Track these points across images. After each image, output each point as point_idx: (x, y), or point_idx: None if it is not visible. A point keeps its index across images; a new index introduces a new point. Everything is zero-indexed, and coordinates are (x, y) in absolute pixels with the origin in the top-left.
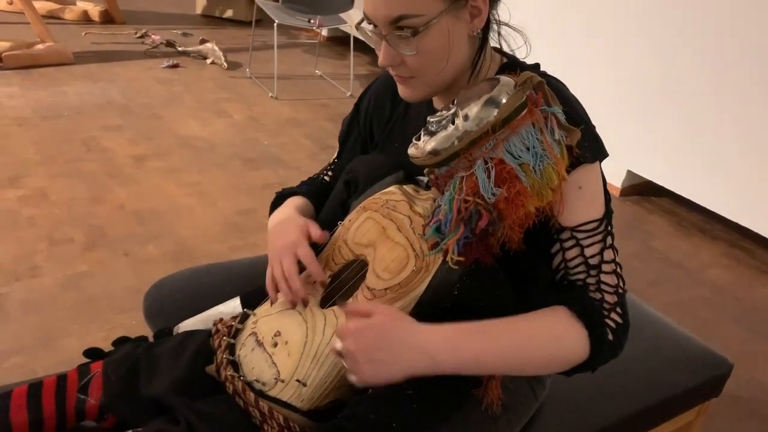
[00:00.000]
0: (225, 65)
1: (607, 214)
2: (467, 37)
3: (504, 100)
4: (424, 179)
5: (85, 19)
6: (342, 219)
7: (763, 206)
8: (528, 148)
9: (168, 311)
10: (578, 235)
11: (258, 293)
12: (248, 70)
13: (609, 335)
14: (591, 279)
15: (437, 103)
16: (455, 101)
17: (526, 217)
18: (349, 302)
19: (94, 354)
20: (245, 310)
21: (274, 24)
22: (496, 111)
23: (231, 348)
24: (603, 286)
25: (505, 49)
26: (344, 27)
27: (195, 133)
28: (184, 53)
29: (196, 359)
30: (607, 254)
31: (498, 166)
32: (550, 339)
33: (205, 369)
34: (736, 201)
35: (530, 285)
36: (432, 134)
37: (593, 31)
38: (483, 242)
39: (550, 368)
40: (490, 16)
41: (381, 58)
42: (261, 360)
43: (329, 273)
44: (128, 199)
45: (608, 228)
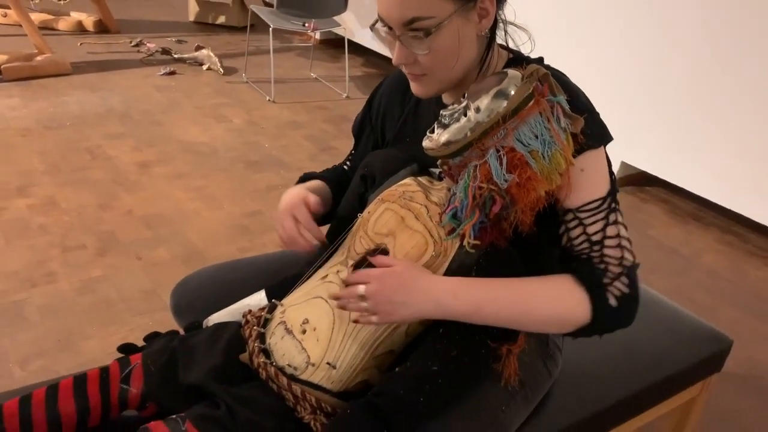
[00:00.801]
0: (221, 71)
1: (611, 193)
2: (476, 37)
3: (512, 92)
4: (437, 171)
5: (80, 30)
6: (360, 212)
7: (753, 192)
8: (536, 136)
9: (195, 306)
10: (581, 215)
11: (282, 285)
12: (245, 75)
13: (611, 301)
14: (594, 253)
15: (446, 99)
16: (466, 95)
17: (537, 201)
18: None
19: (129, 349)
20: (273, 301)
21: (270, 29)
22: (506, 102)
23: (261, 337)
24: (606, 259)
25: (511, 45)
26: (338, 30)
27: (196, 139)
28: (181, 60)
29: (230, 348)
30: (611, 230)
31: (509, 154)
32: (551, 298)
33: (239, 357)
34: (727, 188)
35: (541, 265)
36: (445, 127)
37: (584, 25)
38: (497, 226)
39: (551, 326)
40: (497, 16)
41: (395, 58)
42: (291, 347)
43: (351, 262)
44: (135, 205)
45: (612, 206)
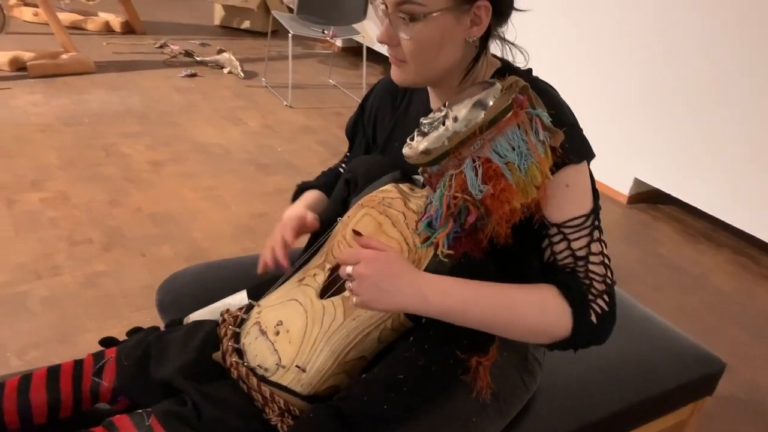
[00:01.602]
0: (241, 74)
1: (594, 210)
2: (463, 41)
3: (491, 103)
4: (420, 178)
5: (107, 30)
6: (342, 216)
7: None
8: (513, 148)
9: (180, 303)
10: (565, 231)
11: (263, 286)
12: (264, 80)
13: (592, 317)
14: (579, 268)
15: (434, 105)
16: (447, 104)
17: (512, 213)
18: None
19: (109, 342)
20: (250, 302)
21: (289, 35)
22: (484, 113)
23: (236, 336)
24: (591, 275)
25: (519, 58)
26: (357, 37)
27: (211, 140)
28: (202, 63)
29: (204, 346)
30: (594, 247)
31: (485, 165)
32: (535, 308)
33: (212, 356)
34: (743, 209)
35: (519, 277)
36: (424, 135)
37: (600, 39)
38: (472, 237)
39: (532, 336)
40: (493, 30)
41: (380, 34)
42: (264, 347)
43: (329, 266)
44: (145, 202)
45: (595, 223)
